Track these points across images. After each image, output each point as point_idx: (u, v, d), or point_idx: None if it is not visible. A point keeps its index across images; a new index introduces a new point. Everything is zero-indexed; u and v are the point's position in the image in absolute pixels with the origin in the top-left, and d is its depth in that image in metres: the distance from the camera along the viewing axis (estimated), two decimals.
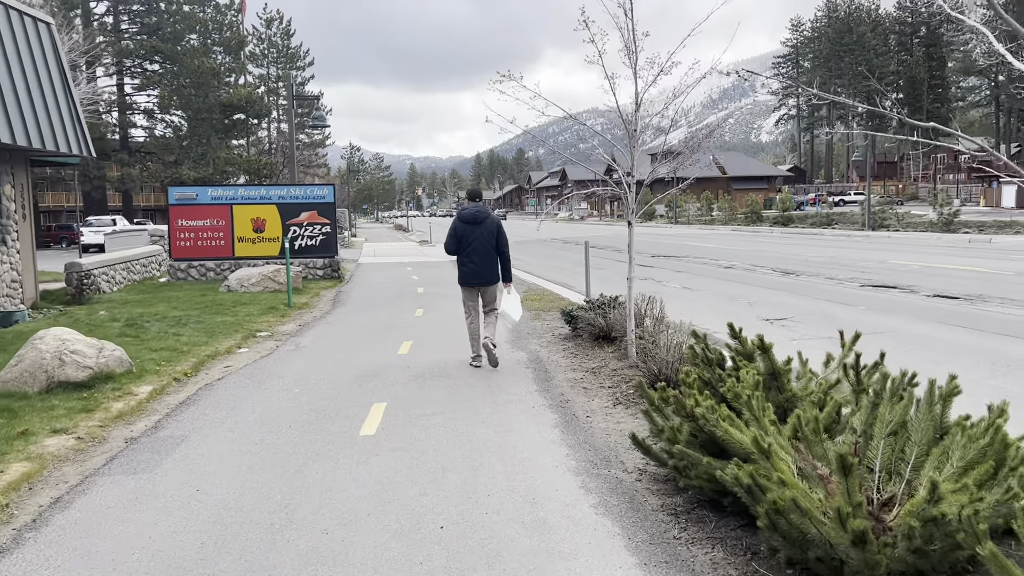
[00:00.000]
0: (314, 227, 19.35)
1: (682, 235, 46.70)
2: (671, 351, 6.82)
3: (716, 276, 19.31)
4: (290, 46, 59.33)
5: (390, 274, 22.06)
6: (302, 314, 13.38)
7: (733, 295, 15.36)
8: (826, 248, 28.68)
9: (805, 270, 19.67)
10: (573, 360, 8.83)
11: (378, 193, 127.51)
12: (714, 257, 25.43)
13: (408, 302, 14.91)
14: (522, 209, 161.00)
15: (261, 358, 9.38)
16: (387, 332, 11.17)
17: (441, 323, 12.01)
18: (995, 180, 76.95)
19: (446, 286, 17.42)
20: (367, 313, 13.41)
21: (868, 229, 43.89)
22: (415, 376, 8.09)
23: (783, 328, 11.44)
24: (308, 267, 19.54)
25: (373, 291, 17.16)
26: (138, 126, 51.17)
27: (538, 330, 11.17)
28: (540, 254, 31.04)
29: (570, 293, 16.07)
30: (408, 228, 69.41)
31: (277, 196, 19.26)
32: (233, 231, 19.02)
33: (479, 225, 8.42)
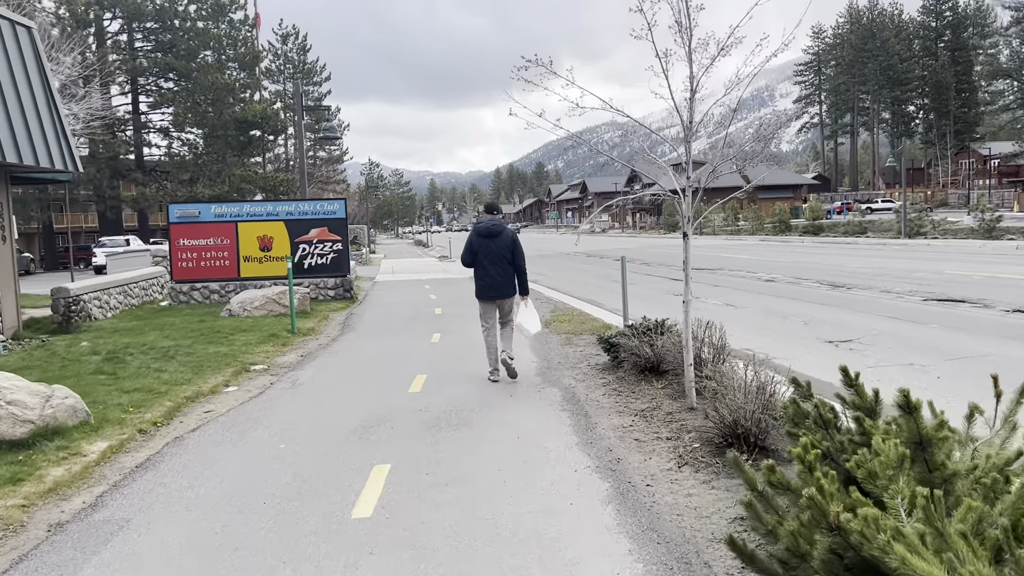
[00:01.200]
0: (325, 244, 18.08)
1: (710, 246, 45.07)
2: (750, 396, 5.37)
3: (758, 291, 17.78)
4: (306, 61, 58.55)
5: (407, 293, 20.73)
6: (306, 342, 12.05)
7: (783, 312, 13.84)
8: (869, 258, 27.00)
9: (855, 283, 18.08)
10: (617, 399, 7.39)
11: (398, 209, 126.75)
12: (751, 269, 23.87)
13: (424, 325, 13.55)
14: (542, 222, 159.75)
15: (250, 399, 8.02)
16: (399, 363, 9.80)
17: (459, 350, 10.62)
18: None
19: (465, 305, 16.04)
20: (378, 339, 12.06)
21: (905, 237, 42.06)
22: (428, 424, 6.69)
23: (852, 352, 9.93)
24: (319, 287, 18.25)
25: (387, 313, 15.82)
26: (153, 145, 50.50)
27: (570, 358, 9.75)
28: (563, 268, 29.62)
29: (601, 312, 14.63)
30: (428, 243, 68.30)
31: (285, 212, 18.02)
32: (238, 250, 17.80)
33: (495, 238, 8.41)
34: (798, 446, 3.46)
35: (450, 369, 9.29)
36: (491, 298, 8.50)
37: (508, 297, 8.54)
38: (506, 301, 8.56)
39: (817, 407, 3.85)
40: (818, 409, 3.85)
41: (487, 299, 8.53)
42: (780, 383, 5.60)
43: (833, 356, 9.75)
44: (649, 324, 8.71)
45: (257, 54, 49.45)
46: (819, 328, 11.92)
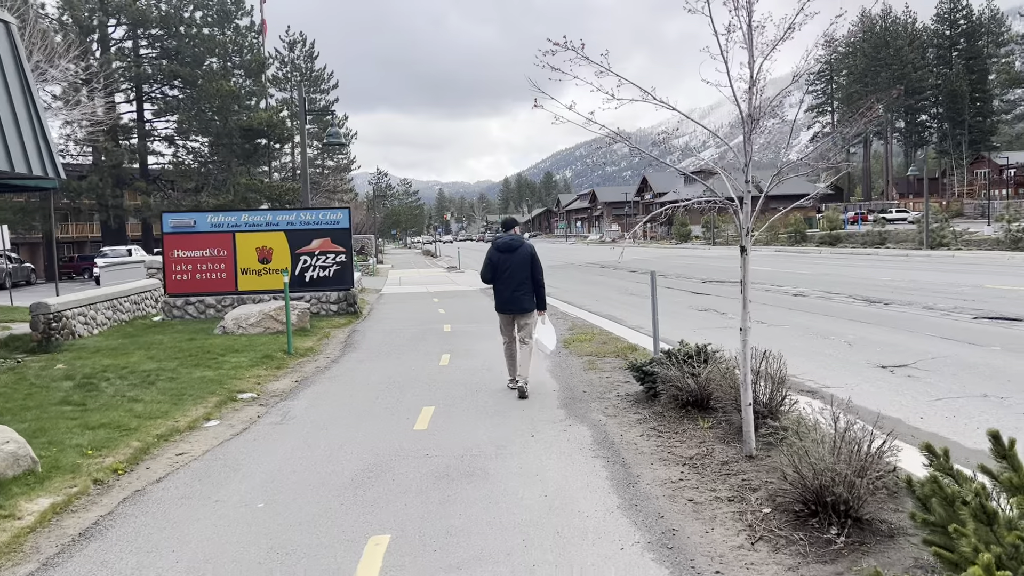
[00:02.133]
0: (327, 256, 17.06)
1: (726, 257, 43.92)
2: (841, 456, 4.28)
3: (788, 306, 16.65)
4: (313, 68, 57.77)
5: (414, 307, 19.68)
6: (303, 364, 11.00)
7: (821, 331, 12.73)
8: (896, 270, 25.82)
9: (891, 298, 16.95)
10: (658, 441, 6.30)
11: (406, 219, 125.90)
12: (776, 282, 22.74)
13: (432, 344, 12.49)
14: (551, 232, 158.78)
15: (232, 437, 6.97)
16: (403, 391, 8.73)
17: (470, 374, 9.55)
18: None
19: (477, 321, 14.99)
20: (382, 362, 11.00)
21: (927, 248, 40.84)
22: (436, 473, 5.62)
23: (912, 380, 8.82)
24: (320, 302, 17.22)
25: (393, 329, 14.77)
26: (157, 153, 49.72)
27: (596, 387, 8.66)
28: (578, 280, 28.53)
29: (624, 331, 13.55)
30: (436, 254, 67.33)
31: (285, 222, 17.02)
32: (236, 262, 16.79)
33: (513, 253, 8.51)
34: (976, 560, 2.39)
35: (461, 399, 8.22)
36: (511, 312, 8.58)
37: (527, 312, 8.57)
38: (525, 316, 8.58)
39: (978, 495, 2.76)
40: (979, 498, 2.76)
41: (506, 313, 8.63)
42: (869, 433, 4.52)
43: (892, 385, 8.66)
44: (689, 350, 7.63)
45: (263, 61, 48.67)
46: (867, 350, 10.81)
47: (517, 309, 8.51)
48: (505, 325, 8.70)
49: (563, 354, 10.99)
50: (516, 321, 8.60)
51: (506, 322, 8.68)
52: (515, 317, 8.58)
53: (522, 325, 8.59)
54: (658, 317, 9.75)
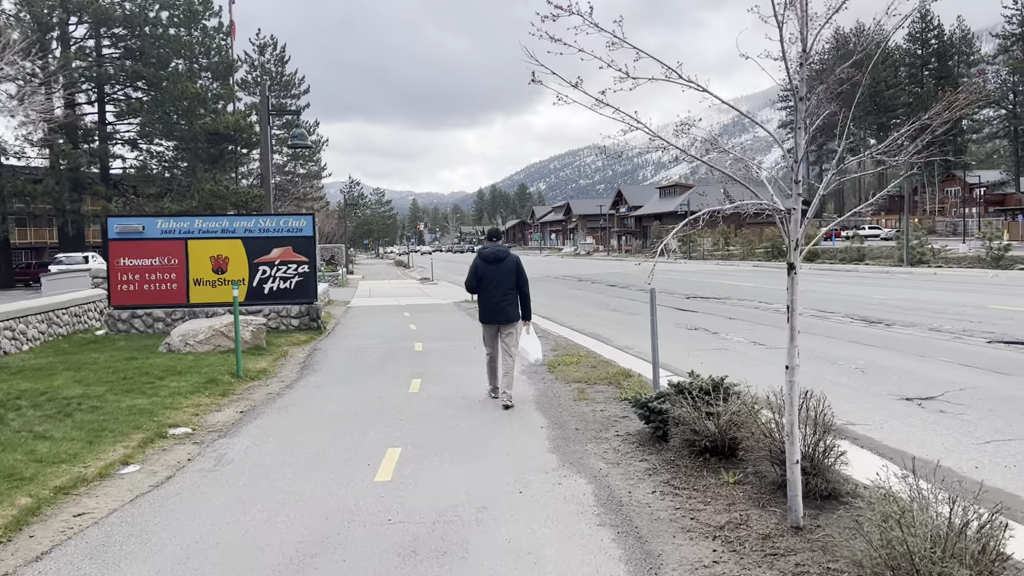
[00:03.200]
0: (288, 266, 15.72)
1: (706, 271, 43.12)
2: (954, 550, 3.11)
3: (782, 325, 15.57)
4: (284, 73, 56.20)
5: (383, 322, 18.37)
6: (253, 389, 9.67)
7: (826, 355, 11.66)
8: (886, 288, 24.98)
9: (891, 318, 15.99)
10: (675, 500, 5.12)
11: (379, 228, 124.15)
12: (763, 299, 21.76)
13: (401, 366, 11.22)
14: (525, 244, 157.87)
15: (150, 490, 5.66)
16: (365, 427, 7.46)
17: (445, 405, 8.31)
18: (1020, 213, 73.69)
19: (451, 339, 13.74)
20: (343, 387, 9.71)
21: (907, 265, 40.33)
22: (399, 551, 4.38)
23: (948, 417, 7.75)
24: (280, 316, 15.86)
25: (358, 348, 13.47)
26: (120, 157, 47.86)
27: (590, 422, 7.47)
28: (557, 295, 27.37)
29: (612, 352, 12.39)
30: (409, 264, 65.88)
31: (243, 229, 15.65)
32: (188, 272, 15.39)
33: (500, 264, 8.44)
34: None
35: (433, 437, 6.97)
36: (495, 322, 8.48)
37: (512, 322, 8.48)
38: (509, 326, 8.48)
39: None
40: None
41: (491, 323, 8.52)
42: (980, 513, 3.36)
43: (926, 422, 7.57)
44: (703, 384, 6.47)
45: (231, 63, 47.11)
46: (883, 378, 9.74)
47: (502, 319, 8.42)
48: (489, 336, 8.63)
49: (548, 380, 9.79)
50: (500, 332, 8.49)
51: (490, 333, 8.60)
52: (499, 328, 8.49)
53: (506, 335, 8.47)
54: (658, 342, 8.59)
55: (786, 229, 4.64)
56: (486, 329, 8.65)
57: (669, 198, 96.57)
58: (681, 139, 5.03)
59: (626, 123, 4.61)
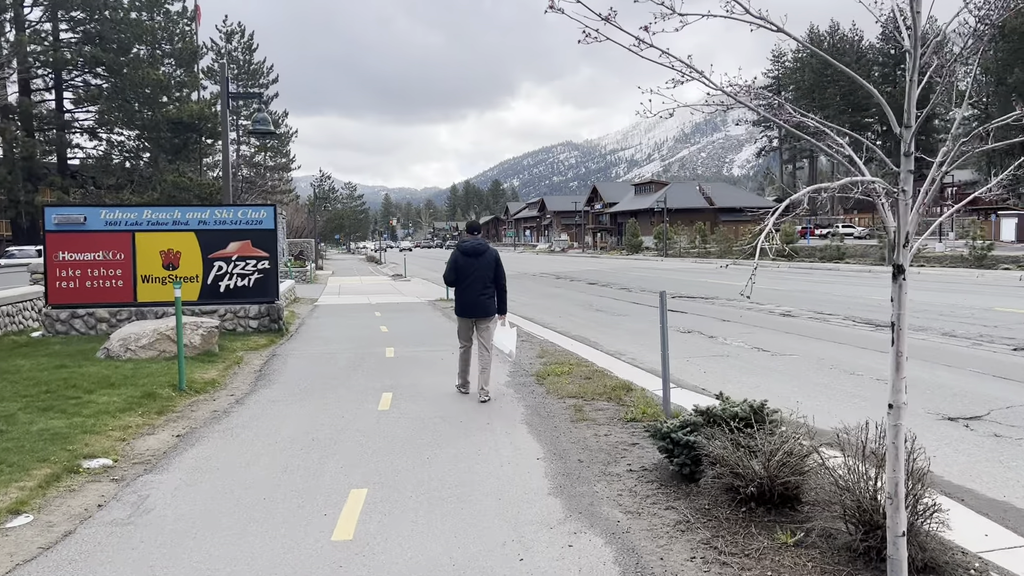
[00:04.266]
0: (247, 262, 14.32)
1: (684, 270, 42.20)
2: None
3: (782, 328, 14.56)
4: (252, 61, 54.32)
5: (352, 322, 17.03)
6: (196, 405, 8.32)
7: (839, 363, 10.56)
8: (878, 288, 24.08)
9: None
10: (723, 573, 3.92)
11: (350, 223, 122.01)
12: (755, 299, 20.73)
13: (370, 376, 9.93)
14: (499, 240, 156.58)
15: (36, 556, 4.35)
16: (324, 458, 6.19)
17: (421, 429, 7.06)
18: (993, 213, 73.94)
19: (426, 343, 12.47)
20: (302, 403, 8.40)
21: (888, 264, 39.65)
22: None
23: (1006, 443, 6.69)
24: (238, 316, 14.46)
25: (322, 354, 12.15)
26: (77, 146, 45.84)
27: (595, 450, 6.26)
28: (535, 293, 26.16)
29: (606, 360, 11.20)
30: (381, 260, 64.31)
31: (197, 221, 14.23)
32: (135, 268, 13.94)
33: (479, 257, 8.45)
34: None
35: (407, 473, 5.72)
36: (473, 316, 8.49)
37: (489, 316, 8.51)
38: (486, 320, 8.52)
39: None
40: None
41: (468, 317, 8.52)
42: None
43: (981, 449, 6.49)
44: (738, 409, 5.29)
45: (196, 50, 45.27)
46: (915, 393, 8.64)
47: (480, 313, 8.42)
48: (465, 329, 8.62)
49: (539, 394, 8.57)
50: (476, 325, 8.53)
51: (466, 326, 8.60)
52: (476, 321, 8.51)
53: (482, 329, 8.51)
54: (668, 354, 7.40)
55: (894, 216, 3.44)
56: (463, 322, 8.62)
57: (644, 195, 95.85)
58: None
59: (676, 69, 3.38)
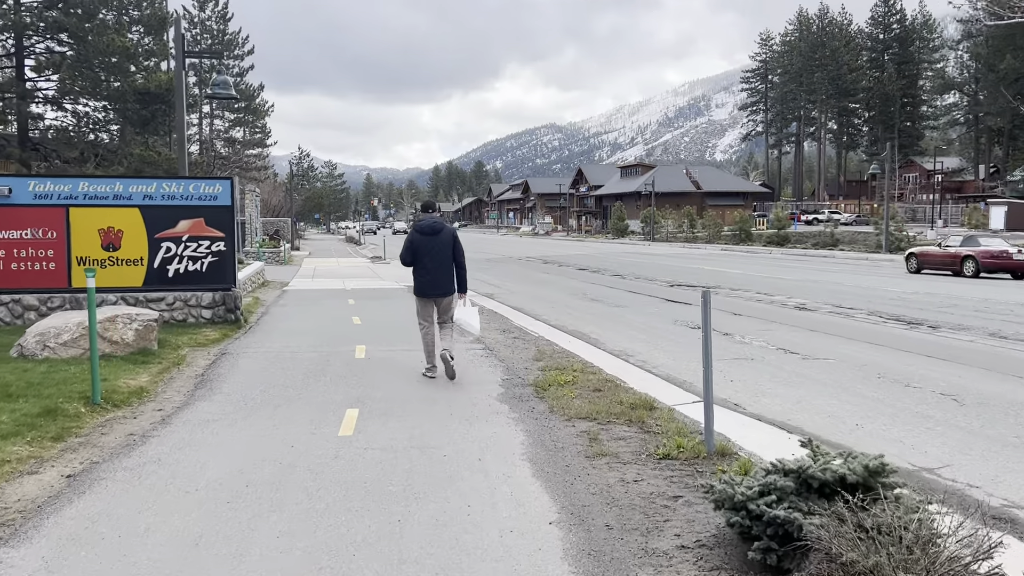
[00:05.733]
0: (200, 243, 12.53)
1: (676, 255, 40.69)
2: None
3: (801, 324, 13.01)
4: (226, 31, 51.82)
5: (322, 312, 15.30)
6: (110, 426, 6.60)
7: (890, 372, 8.96)
8: (891, 279, 22.63)
9: (926, 317, 13.50)
10: None
11: (330, 202, 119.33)
12: (761, 289, 19.19)
13: (333, 385, 8.24)
14: (482, 222, 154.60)
15: None
16: (256, 519, 4.50)
17: (392, 465, 5.40)
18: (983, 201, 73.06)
19: (405, 341, 10.77)
20: (242, 426, 6.70)
21: (886, 252, 38.45)
22: None
23: None
24: (188, 305, 12.67)
25: (281, 353, 10.42)
26: (39, 116, 43.33)
27: (625, 507, 4.63)
28: (522, 278, 24.49)
29: (614, 363, 9.56)
30: (360, 241, 62.29)
31: (142, 195, 12.39)
32: (70, 248, 12.11)
33: (436, 236, 8.39)
34: None
35: (367, 549, 4.06)
36: (431, 296, 8.47)
37: (448, 295, 8.52)
38: (446, 299, 8.53)
39: None
40: None
41: (427, 296, 8.50)
42: None
43: None
44: (843, 470, 3.67)
45: (165, 17, 42.81)
46: (995, 415, 7.10)
47: (439, 292, 8.41)
48: (424, 309, 8.56)
49: (541, 413, 6.92)
50: (437, 305, 8.50)
51: (426, 306, 8.54)
52: (436, 300, 8.48)
53: (443, 309, 8.52)
54: (711, 374, 5.77)
55: None
56: (422, 303, 8.54)
57: (631, 178, 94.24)
58: None
59: None
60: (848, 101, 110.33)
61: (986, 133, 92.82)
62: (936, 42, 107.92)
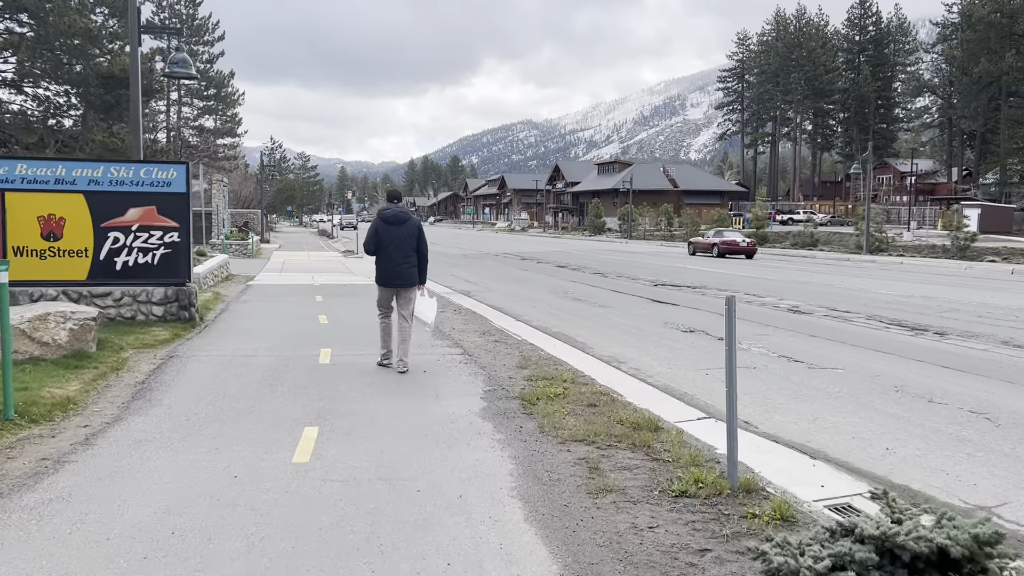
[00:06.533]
0: (151, 233, 11.44)
1: (655, 253, 40.02)
2: None
3: (799, 329, 12.23)
4: (196, 16, 50.21)
5: (286, 310, 14.25)
6: (19, 449, 5.56)
7: (908, 386, 8.14)
8: (881, 280, 22.01)
9: (932, 323, 12.77)
10: None
11: (303, 195, 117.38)
12: (747, 290, 18.44)
13: (291, 397, 7.26)
14: (457, 217, 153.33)
15: None
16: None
17: (355, 508, 4.45)
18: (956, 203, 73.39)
19: (372, 343, 9.76)
20: (180, 449, 5.70)
21: (866, 253, 38.05)
22: None
23: None
24: (138, 301, 11.56)
25: (235, 357, 9.39)
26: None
27: (640, 564, 3.72)
28: (500, 275, 23.56)
29: (607, 372, 8.66)
30: (333, 235, 60.94)
31: (87, 180, 11.27)
32: (5, 237, 10.97)
33: (401, 226, 8.34)
34: None
35: None
36: (393, 285, 8.40)
37: (410, 286, 8.45)
38: (407, 290, 8.45)
39: None
40: None
41: (389, 286, 8.43)
42: None
43: None
44: (941, 540, 2.80)
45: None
46: None
47: (401, 283, 8.37)
48: (385, 298, 8.54)
49: (530, 435, 6.00)
50: (398, 295, 8.46)
51: (387, 296, 8.52)
52: (397, 291, 8.43)
53: (403, 300, 8.46)
54: (735, 401, 4.89)
55: None
56: (383, 292, 8.51)
57: (608, 175, 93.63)
58: None
59: None
60: (824, 102, 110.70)
61: (959, 136, 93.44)
62: (910, 45, 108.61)
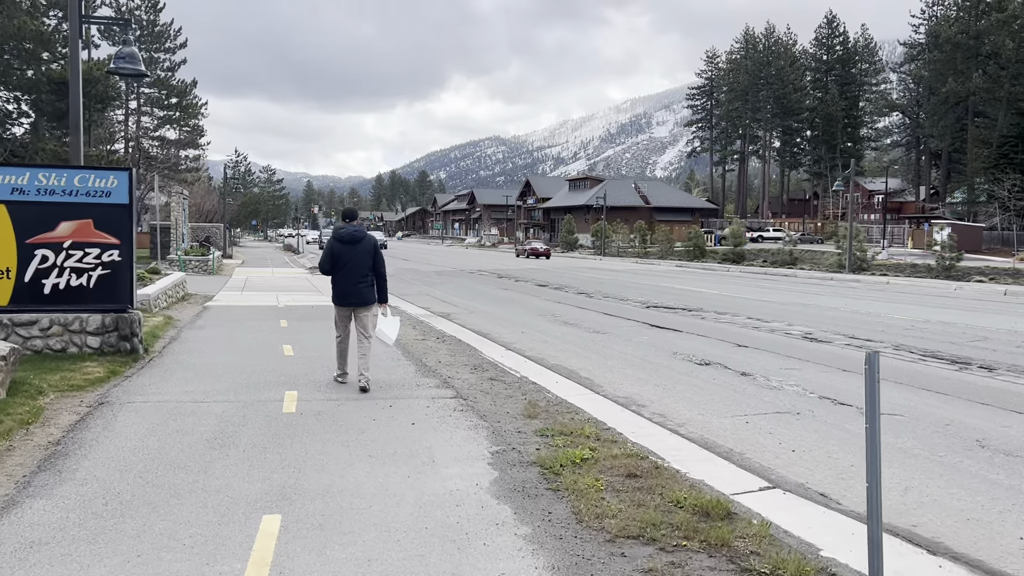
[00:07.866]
0: (86, 251, 9.78)
1: (634, 271, 38.81)
2: None
3: (827, 361, 10.89)
4: (157, 22, 48.21)
5: (246, 338, 12.59)
6: None
7: (986, 435, 6.80)
8: (880, 303, 20.89)
9: (969, 355, 11.55)
10: None
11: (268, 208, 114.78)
12: (750, 314, 17.14)
13: (246, 468, 5.69)
14: (426, 232, 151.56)
15: None
16: None
17: None
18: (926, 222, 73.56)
19: (351, 384, 8.22)
20: (89, 560, 4.13)
21: (849, 271, 37.24)
22: None
23: None
24: (70, 331, 9.85)
25: (181, 405, 7.77)
26: None
27: None
28: (482, 296, 22.05)
29: (628, 419, 7.22)
30: (299, 250, 58.94)
31: (9, 188, 9.59)
32: None
33: (356, 245, 8.26)
34: None
35: None
36: (350, 304, 8.31)
37: (367, 305, 8.32)
38: (364, 309, 8.31)
39: None
40: None
41: (346, 306, 8.34)
42: None
43: None
44: None
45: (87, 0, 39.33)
46: None
47: (358, 302, 8.25)
48: (342, 318, 8.44)
49: (563, 524, 4.50)
50: (355, 314, 8.32)
51: (343, 315, 8.41)
52: (355, 310, 8.31)
53: (361, 318, 8.29)
54: (879, 492, 3.46)
55: None
56: (340, 311, 8.42)
57: (579, 191, 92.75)
58: None
59: None
60: (792, 120, 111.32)
61: (926, 155, 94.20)
62: (877, 65, 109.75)
